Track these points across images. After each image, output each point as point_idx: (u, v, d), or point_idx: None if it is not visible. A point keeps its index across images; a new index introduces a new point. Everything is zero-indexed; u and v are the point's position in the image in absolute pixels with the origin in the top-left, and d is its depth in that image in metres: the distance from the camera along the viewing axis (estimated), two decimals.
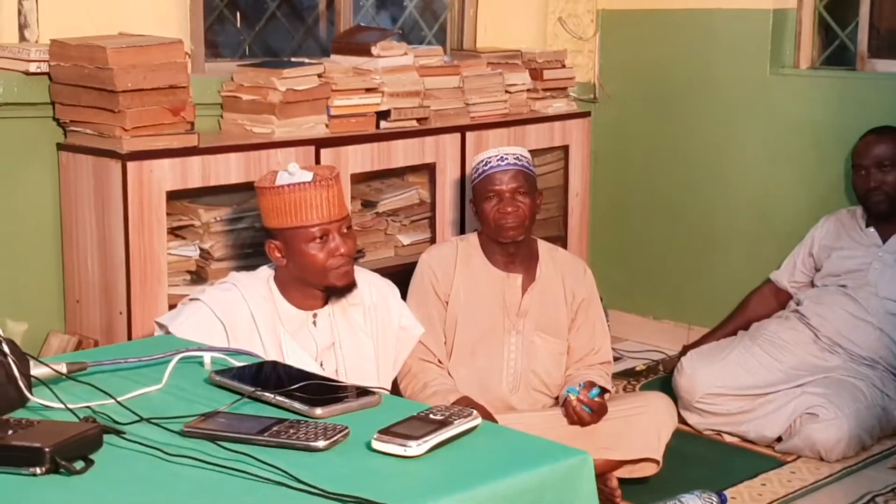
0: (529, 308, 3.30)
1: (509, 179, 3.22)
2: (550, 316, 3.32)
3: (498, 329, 3.29)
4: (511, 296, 3.29)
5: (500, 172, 3.22)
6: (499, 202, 3.21)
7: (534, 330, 3.30)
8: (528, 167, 3.28)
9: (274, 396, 1.72)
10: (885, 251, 3.80)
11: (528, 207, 3.22)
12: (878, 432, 3.60)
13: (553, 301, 3.32)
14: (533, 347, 3.30)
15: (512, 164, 3.24)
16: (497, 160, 3.25)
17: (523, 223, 3.23)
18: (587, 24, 4.65)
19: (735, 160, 4.39)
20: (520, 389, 3.30)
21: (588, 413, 3.10)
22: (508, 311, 3.29)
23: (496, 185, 3.22)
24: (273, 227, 2.65)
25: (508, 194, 3.21)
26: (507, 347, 3.29)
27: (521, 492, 1.52)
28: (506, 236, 3.24)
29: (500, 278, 3.30)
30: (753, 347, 3.77)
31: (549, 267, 3.34)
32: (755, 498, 3.23)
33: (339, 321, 2.72)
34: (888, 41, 4.30)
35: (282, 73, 3.38)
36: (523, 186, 3.23)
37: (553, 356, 3.33)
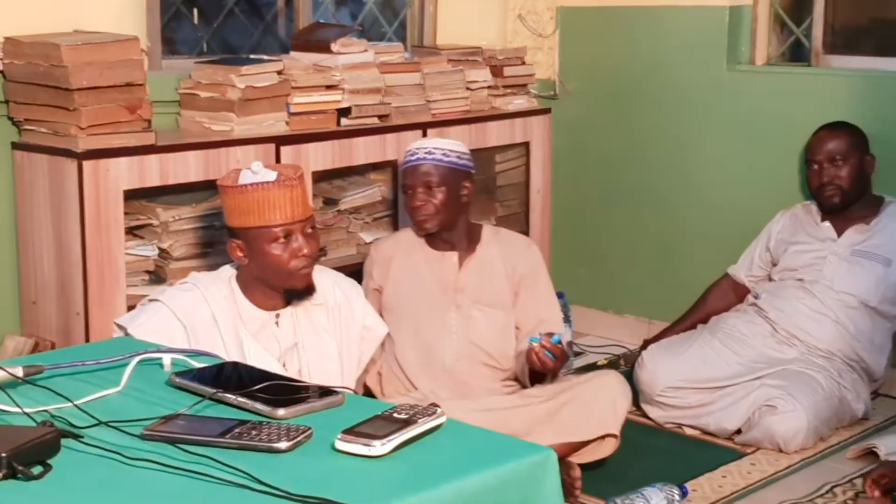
0: (466, 284, 3.36)
1: (420, 174, 3.28)
2: (489, 290, 3.37)
3: (439, 307, 3.35)
4: (448, 273, 3.36)
5: (410, 168, 3.30)
6: (412, 196, 3.29)
7: (473, 304, 3.36)
8: (442, 159, 3.30)
9: (235, 398, 1.71)
10: (839, 245, 3.84)
11: (439, 200, 3.26)
12: (836, 423, 3.64)
13: (491, 275, 3.37)
14: (472, 321, 3.35)
15: (421, 159, 3.29)
16: (409, 155, 3.32)
17: (436, 214, 3.28)
18: (547, 21, 4.66)
19: (693, 156, 4.42)
20: (464, 363, 3.35)
21: (551, 359, 3.10)
22: (446, 288, 3.35)
23: (406, 181, 3.30)
24: (235, 226, 2.63)
25: (420, 189, 3.27)
26: (448, 323, 3.35)
27: (486, 490, 1.53)
28: (421, 228, 3.32)
29: (436, 258, 3.37)
30: (713, 341, 3.80)
31: (490, 245, 3.40)
32: (716, 490, 3.26)
33: (302, 321, 2.70)
34: (843, 37, 4.34)
35: (240, 70, 3.36)
36: (434, 180, 3.27)
37: (495, 328, 3.37)
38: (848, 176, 3.82)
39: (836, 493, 3.23)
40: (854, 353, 3.73)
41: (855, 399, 3.69)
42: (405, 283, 3.36)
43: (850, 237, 3.83)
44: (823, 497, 3.21)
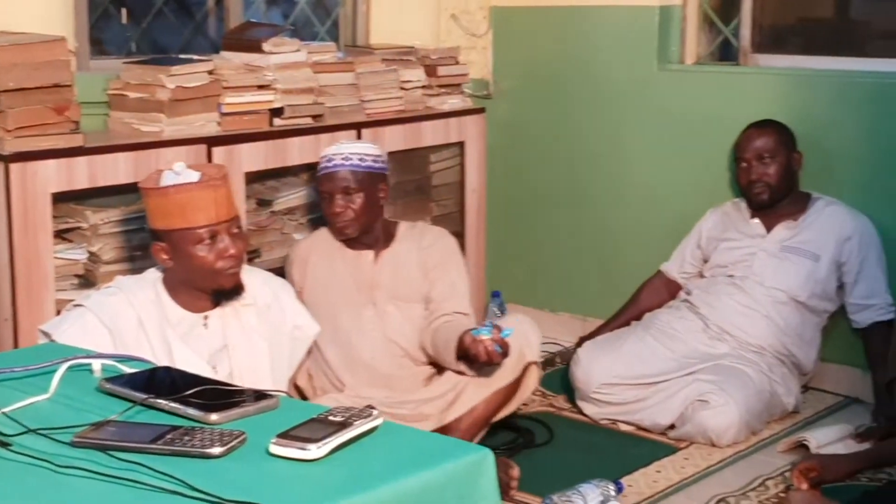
0: (381, 280, 3.41)
1: (339, 179, 3.31)
2: (404, 284, 3.41)
3: (356, 304, 3.39)
4: (363, 271, 3.41)
5: (327, 174, 3.33)
6: (330, 202, 3.33)
7: (388, 300, 3.41)
8: (360, 165, 3.34)
9: (167, 403, 1.69)
10: (768, 241, 3.89)
11: (358, 205, 3.31)
12: (767, 417, 3.69)
13: (406, 270, 3.42)
14: (388, 316, 3.40)
15: (338, 165, 3.33)
16: (325, 162, 3.36)
17: (356, 220, 3.33)
18: (480, 21, 4.67)
19: (626, 154, 4.46)
20: (383, 357, 3.39)
21: (499, 353, 3.11)
22: (362, 285, 3.40)
23: (325, 187, 3.34)
24: (159, 228, 2.59)
25: (340, 194, 3.31)
26: (365, 319, 3.40)
27: (423, 490, 1.52)
28: (341, 234, 3.36)
29: (352, 256, 3.42)
30: (646, 337, 3.84)
31: (404, 241, 3.45)
32: (650, 485, 3.29)
33: (232, 322, 2.68)
34: (770, 37, 4.40)
35: (170, 70, 3.32)
36: (352, 186, 3.31)
37: (411, 322, 3.42)
38: (776, 173, 3.88)
39: (769, 486, 3.28)
40: (784, 348, 3.79)
41: (786, 393, 3.74)
42: (323, 283, 3.39)
43: (779, 233, 3.89)
44: (756, 490, 3.25)
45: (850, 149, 3.94)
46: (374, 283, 3.42)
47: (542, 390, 4.06)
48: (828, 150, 3.97)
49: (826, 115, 3.97)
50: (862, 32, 4.46)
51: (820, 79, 4.03)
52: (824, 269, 3.82)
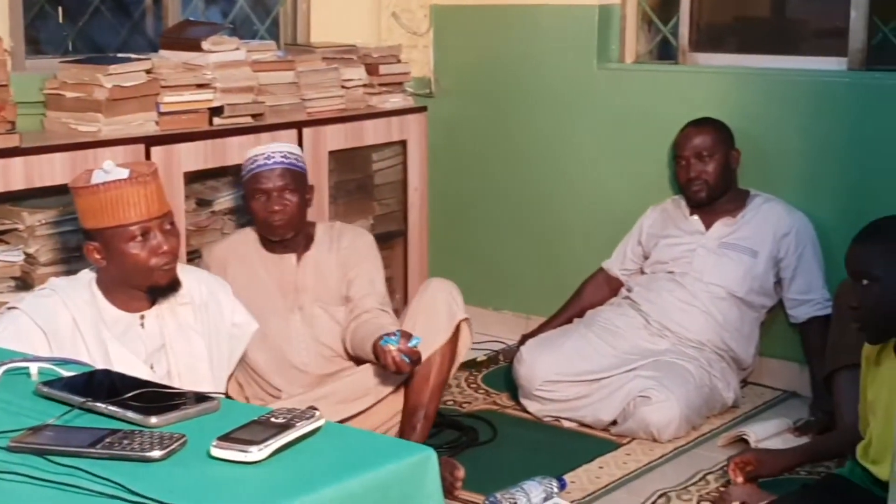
0: (305, 283, 3.38)
1: (275, 178, 3.28)
2: (327, 287, 3.40)
3: (279, 310, 3.36)
4: (286, 276, 3.38)
5: (266, 171, 3.29)
6: (266, 200, 3.28)
7: (314, 303, 3.39)
8: (296, 164, 3.35)
9: (106, 406, 1.67)
10: (707, 238, 3.93)
11: (295, 205, 3.30)
12: (707, 412, 3.73)
13: (327, 271, 3.40)
14: (316, 320, 3.39)
15: (279, 163, 3.30)
16: (264, 159, 3.31)
17: (292, 220, 3.31)
18: (421, 20, 4.67)
19: (567, 153, 4.48)
20: (316, 361, 3.38)
21: (407, 363, 3.10)
22: (286, 290, 3.38)
23: (262, 185, 3.29)
24: (91, 227, 2.57)
25: (276, 193, 3.28)
26: (292, 325, 3.38)
27: (366, 491, 1.52)
28: (276, 234, 3.32)
29: (274, 261, 3.39)
30: (588, 334, 3.86)
31: (323, 242, 3.43)
32: (593, 481, 3.31)
33: (169, 321, 2.66)
34: (708, 35, 4.45)
35: (107, 70, 3.29)
36: (290, 184, 3.29)
37: (339, 323, 3.40)
38: (714, 171, 3.92)
39: (709, 480, 3.31)
40: (723, 343, 3.83)
41: (725, 388, 3.79)
42: (245, 289, 3.29)
43: (718, 230, 3.93)
44: (696, 485, 3.28)
45: (787, 146, 4.00)
46: (299, 286, 3.39)
47: (486, 388, 4.08)
48: (765, 147, 4.02)
49: (763, 113, 4.03)
50: (798, 31, 4.52)
51: (757, 77, 4.08)
52: (762, 265, 3.87)
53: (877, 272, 2.54)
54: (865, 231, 2.66)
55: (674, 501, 3.18)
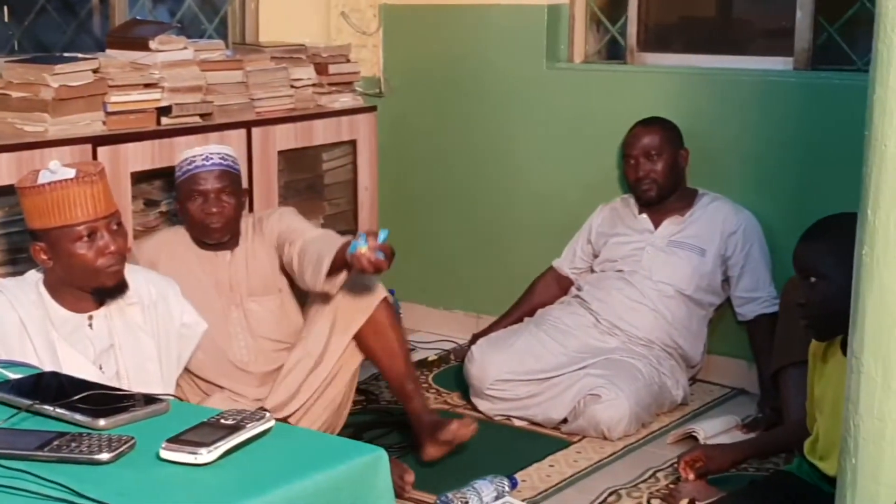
0: (238, 278, 3.36)
1: (214, 179, 3.26)
2: (258, 278, 3.37)
3: (216, 308, 3.30)
4: (220, 272, 3.35)
5: (205, 172, 3.26)
6: (203, 202, 3.25)
7: (248, 298, 3.36)
8: (234, 167, 3.34)
9: (54, 409, 1.66)
10: (656, 237, 3.97)
11: (232, 207, 3.28)
12: (657, 409, 3.76)
13: (257, 262, 3.38)
14: (253, 314, 3.36)
15: (217, 164, 3.28)
16: (202, 160, 3.28)
17: (228, 223, 3.29)
18: (370, 19, 4.67)
19: (516, 152, 4.50)
20: (257, 358, 3.35)
21: (383, 259, 3.00)
22: (221, 288, 3.35)
23: (201, 185, 3.25)
24: (37, 228, 2.55)
25: (213, 194, 3.25)
26: (231, 323, 3.34)
27: (317, 492, 1.52)
28: (212, 237, 3.30)
29: (208, 258, 3.35)
30: (539, 333, 3.88)
31: (248, 234, 3.40)
32: (544, 479, 3.32)
33: (117, 322, 2.64)
34: (656, 35, 4.49)
35: (54, 69, 3.25)
36: (228, 186, 3.27)
37: (274, 313, 3.39)
38: (663, 170, 3.96)
39: (659, 477, 3.34)
40: (672, 341, 3.87)
41: (674, 385, 3.82)
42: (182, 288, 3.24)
43: (667, 228, 3.97)
44: (647, 482, 3.31)
45: (734, 145, 4.04)
46: (233, 283, 3.36)
47: (437, 388, 4.09)
48: (712, 146, 4.06)
49: (710, 113, 4.07)
50: (744, 31, 4.57)
51: (704, 77, 4.12)
52: (710, 264, 3.91)
53: (823, 269, 2.58)
54: (812, 229, 2.69)
55: (624, 499, 3.20)
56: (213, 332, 3.21)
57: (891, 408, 1.81)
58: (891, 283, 1.80)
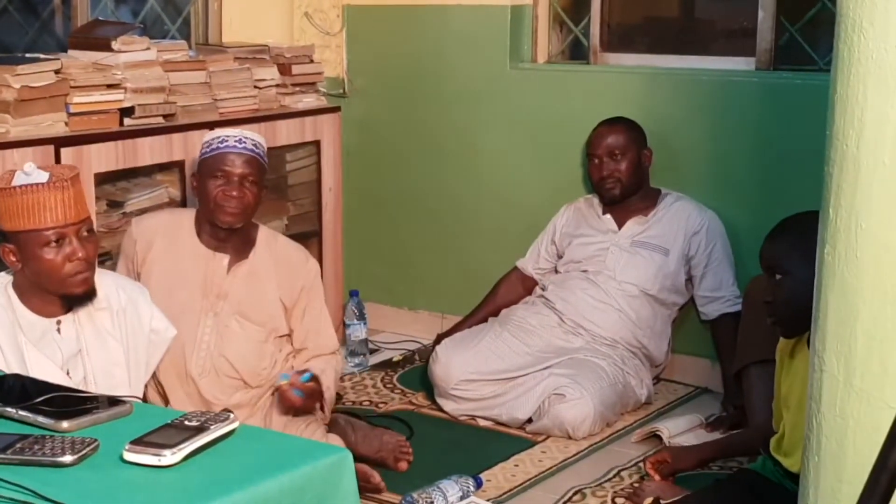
0: (231, 291, 3.21)
1: (243, 164, 3.15)
2: (254, 302, 3.23)
3: (194, 309, 3.17)
4: (213, 276, 3.20)
5: (235, 154, 3.15)
6: (226, 183, 3.14)
7: (232, 314, 3.21)
8: (263, 158, 3.24)
9: (16, 411, 1.64)
10: (620, 237, 3.99)
11: (253, 196, 3.16)
12: (621, 409, 3.78)
13: (260, 288, 3.24)
14: (228, 332, 3.20)
15: (249, 150, 3.17)
16: (235, 141, 3.17)
17: (245, 211, 3.16)
18: (333, 20, 4.66)
19: (480, 153, 4.50)
20: (209, 374, 3.20)
21: (300, 397, 3.06)
22: (208, 291, 3.20)
23: (227, 166, 3.14)
24: (7, 230, 2.53)
25: (238, 178, 3.14)
26: (201, 329, 3.19)
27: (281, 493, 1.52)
28: (224, 220, 3.15)
29: (206, 256, 3.21)
30: (503, 333, 3.88)
31: (263, 253, 3.26)
32: (509, 479, 3.33)
33: (86, 327, 2.62)
34: (619, 36, 4.51)
35: (15, 70, 3.23)
36: (254, 175, 3.17)
37: (251, 343, 3.22)
38: (626, 169, 3.97)
39: (623, 476, 3.36)
40: (636, 340, 3.89)
41: (638, 384, 3.84)
42: (163, 275, 3.16)
43: (631, 228, 3.99)
44: (611, 481, 3.32)
45: (697, 145, 4.07)
46: (223, 292, 3.20)
47: (402, 388, 4.09)
48: (675, 146, 4.09)
49: (673, 112, 4.09)
50: (706, 31, 4.60)
51: (667, 77, 4.14)
52: (674, 263, 3.93)
53: (788, 266, 2.60)
54: (778, 227, 2.72)
55: (589, 498, 3.22)
56: (182, 334, 3.08)
57: (853, 406, 1.83)
58: (853, 282, 1.81)
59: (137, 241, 3.21)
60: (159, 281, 3.15)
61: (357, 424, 3.48)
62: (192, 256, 3.21)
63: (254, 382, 3.25)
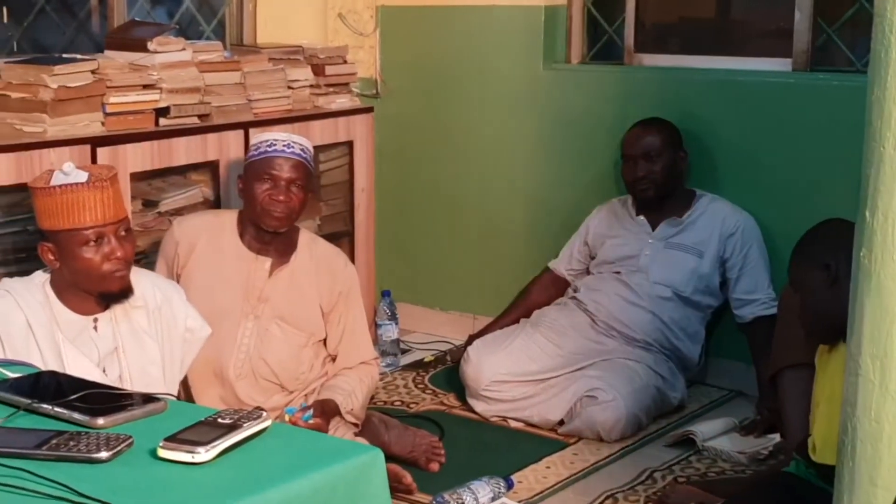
0: (272, 295, 3.22)
1: (290, 168, 3.16)
2: (295, 306, 3.25)
3: (235, 312, 3.19)
4: (255, 279, 3.21)
5: (283, 158, 3.17)
6: (273, 187, 3.15)
7: (273, 318, 3.22)
8: (310, 162, 3.26)
9: (52, 408, 1.66)
10: (654, 238, 3.97)
11: (299, 201, 3.18)
12: (654, 412, 3.76)
13: (300, 292, 3.25)
14: (268, 335, 3.21)
15: (296, 154, 3.19)
16: (283, 145, 3.18)
17: (290, 215, 3.18)
18: (367, 20, 4.67)
19: (512, 153, 4.50)
20: (247, 376, 3.21)
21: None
22: (249, 294, 3.21)
23: (275, 170, 3.15)
24: (46, 228, 2.55)
25: (285, 182, 3.15)
26: (242, 332, 3.20)
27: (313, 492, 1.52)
28: (269, 224, 3.17)
29: (248, 260, 3.22)
30: (535, 334, 3.87)
31: (304, 257, 3.28)
32: (540, 481, 3.32)
33: (122, 325, 2.64)
34: (653, 36, 4.49)
35: (53, 70, 3.26)
36: (301, 179, 3.18)
37: (291, 348, 3.24)
38: (661, 171, 3.95)
39: (656, 478, 3.34)
40: (669, 343, 3.87)
41: (671, 387, 3.82)
42: (205, 276, 3.18)
43: (665, 230, 3.97)
44: (644, 484, 3.31)
45: (732, 146, 4.04)
46: (264, 295, 3.21)
47: (433, 388, 4.09)
48: (710, 147, 4.06)
49: (707, 114, 4.07)
50: (742, 32, 4.57)
51: (702, 78, 4.12)
52: (708, 265, 3.91)
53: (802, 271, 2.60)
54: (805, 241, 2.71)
55: (621, 502, 3.20)
56: (221, 335, 3.11)
57: (888, 410, 1.81)
58: (888, 285, 1.80)
59: (179, 243, 3.22)
60: (201, 282, 3.18)
61: (390, 423, 3.48)
62: (235, 258, 3.23)
63: (291, 386, 3.27)
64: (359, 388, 3.28)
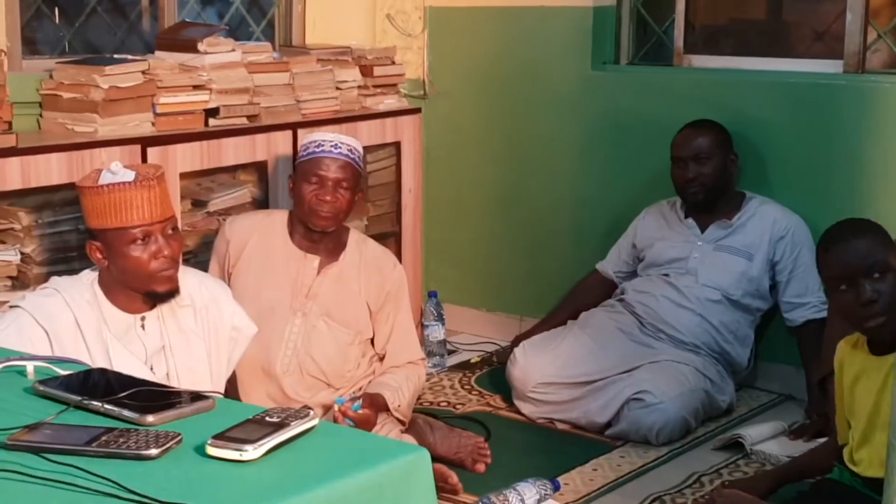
0: (320, 292, 3.26)
1: (337, 169, 3.19)
2: (342, 304, 3.27)
3: (283, 308, 3.23)
4: (304, 277, 3.25)
5: (330, 159, 3.19)
6: (320, 188, 3.18)
7: (320, 315, 3.25)
8: (359, 163, 3.27)
9: (102, 405, 1.67)
10: (703, 240, 3.94)
11: (346, 201, 3.20)
12: (702, 415, 3.73)
13: (349, 290, 3.28)
14: (315, 332, 3.25)
15: (344, 155, 3.21)
16: (331, 146, 3.21)
17: (337, 216, 3.20)
18: (415, 21, 4.68)
19: (560, 154, 4.49)
20: (294, 373, 3.24)
21: (350, 425, 3.05)
22: (297, 291, 3.24)
23: (322, 171, 3.18)
24: (94, 227, 2.58)
25: (332, 183, 3.18)
26: (290, 329, 3.24)
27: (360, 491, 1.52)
28: (317, 224, 3.20)
29: (297, 258, 3.26)
30: (582, 336, 3.86)
31: (353, 256, 3.31)
32: (587, 483, 3.31)
33: (169, 324, 2.66)
34: (703, 37, 4.46)
35: (104, 70, 3.29)
36: (348, 180, 3.20)
37: (338, 345, 3.28)
38: (711, 173, 3.91)
39: (704, 482, 3.31)
40: (718, 346, 3.84)
41: (720, 391, 3.79)
42: (255, 275, 3.22)
43: (714, 233, 3.94)
44: (691, 488, 3.28)
45: (783, 148, 4.00)
46: (312, 293, 3.25)
47: (480, 390, 4.08)
48: (760, 149, 4.03)
49: (758, 116, 4.03)
50: (794, 33, 4.53)
51: (752, 79, 4.09)
52: (758, 268, 3.87)
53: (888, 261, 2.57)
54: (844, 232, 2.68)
55: None
56: (269, 332, 3.15)
57: None
58: None
59: (230, 242, 3.26)
60: (251, 280, 3.22)
61: (436, 425, 3.48)
62: (284, 257, 3.26)
63: (337, 384, 3.29)
64: (406, 386, 3.28)
